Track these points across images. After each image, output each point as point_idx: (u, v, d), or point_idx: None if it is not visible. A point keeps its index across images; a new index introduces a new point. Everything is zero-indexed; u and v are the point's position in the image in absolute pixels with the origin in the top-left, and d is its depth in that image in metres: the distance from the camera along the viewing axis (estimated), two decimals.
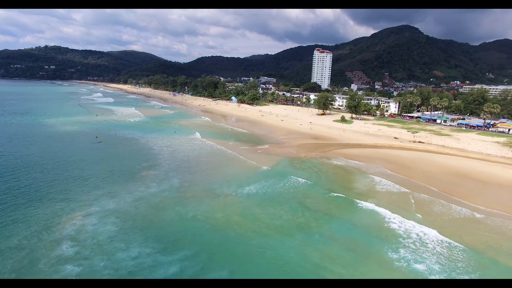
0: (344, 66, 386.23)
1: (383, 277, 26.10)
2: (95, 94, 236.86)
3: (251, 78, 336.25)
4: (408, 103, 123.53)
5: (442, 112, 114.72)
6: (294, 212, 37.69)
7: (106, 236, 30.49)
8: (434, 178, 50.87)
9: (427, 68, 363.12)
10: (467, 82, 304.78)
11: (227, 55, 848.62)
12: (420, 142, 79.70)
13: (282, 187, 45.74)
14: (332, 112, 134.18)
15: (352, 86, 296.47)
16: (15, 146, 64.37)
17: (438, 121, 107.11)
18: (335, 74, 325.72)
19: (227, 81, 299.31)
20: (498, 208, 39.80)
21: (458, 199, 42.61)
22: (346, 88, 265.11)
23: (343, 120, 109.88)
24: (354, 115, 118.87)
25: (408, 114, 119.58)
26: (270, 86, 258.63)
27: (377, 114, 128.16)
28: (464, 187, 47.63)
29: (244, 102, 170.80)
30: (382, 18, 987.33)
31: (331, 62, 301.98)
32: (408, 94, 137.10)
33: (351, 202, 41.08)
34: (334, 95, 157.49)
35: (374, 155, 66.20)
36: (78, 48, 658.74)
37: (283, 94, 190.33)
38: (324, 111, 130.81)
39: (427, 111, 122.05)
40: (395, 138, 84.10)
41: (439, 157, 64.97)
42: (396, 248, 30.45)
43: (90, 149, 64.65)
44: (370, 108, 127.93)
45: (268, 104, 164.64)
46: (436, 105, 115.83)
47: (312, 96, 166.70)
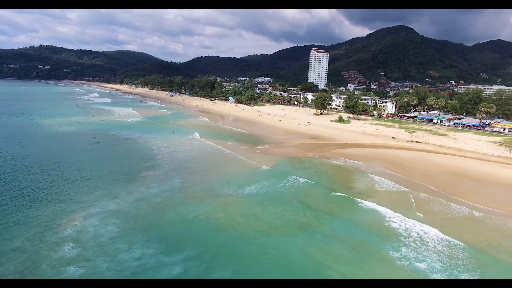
0: (340, 66, 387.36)
1: (386, 275, 26.34)
2: (92, 94, 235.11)
3: (247, 78, 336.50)
4: (405, 103, 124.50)
5: (438, 112, 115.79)
6: (295, 212, 37.85)
7: (108, 237, 30.37)
8: (432, 177, 51.38)
9: (422, 68, 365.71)
10: (462, 82, 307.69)
11: (223, 55, 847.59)
12: (417, 141, 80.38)
13: (282, 186, 45.89)
14: (330, 112, 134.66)
15: (349, 86, 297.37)
16: (12, 146, 63.83)
17: (435, 121, 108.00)
18: (331, 74, 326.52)
19: (224, 81, 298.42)
20: (496, 207, 40.36)
21: (457, 197, 43.11)
22: (342, 88, 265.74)
23: (341, 120, 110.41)
24: (351, 115, 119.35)
25: (405, 114, 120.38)
26: (267, 86, 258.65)
27: (374, 114, 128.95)
28: (462, 186, 48.21)
29: (241, 102, 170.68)
30: (377, 18, 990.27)
31: (328, 62, 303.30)
32: (405, 94, 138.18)
33: (352, 201, 41.37)
34: (331, 95, 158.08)
35: (372, 154, 66.64)
36: (73, 48, 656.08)
37: (280, 94, 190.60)
38: (322, 111, 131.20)
39: (424, 111, 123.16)
40: (393, 138, 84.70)
41: (437, 156, 65.60)
42: (397, 246, 30.74)
43: (88, 149, 64.30)
44: (367, 108, 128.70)
45: (265, 104, 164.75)
46: (432, 105, 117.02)
47: (309, 96, 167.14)
